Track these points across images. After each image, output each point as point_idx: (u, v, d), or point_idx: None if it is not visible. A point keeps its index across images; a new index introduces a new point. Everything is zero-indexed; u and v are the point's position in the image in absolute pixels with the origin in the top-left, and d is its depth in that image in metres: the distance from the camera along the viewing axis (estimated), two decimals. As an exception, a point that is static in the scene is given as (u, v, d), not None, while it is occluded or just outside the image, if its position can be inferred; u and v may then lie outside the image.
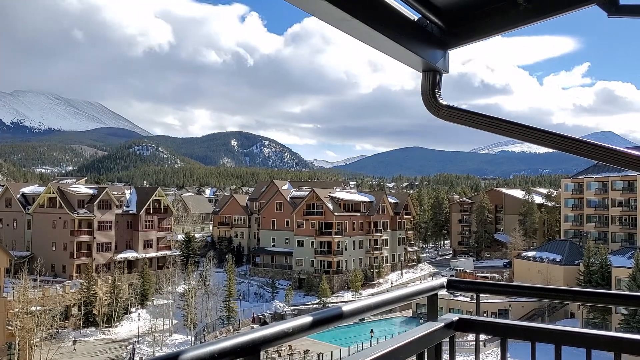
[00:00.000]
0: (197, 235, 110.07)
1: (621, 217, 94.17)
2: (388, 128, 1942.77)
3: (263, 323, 62.96)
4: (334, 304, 3.67)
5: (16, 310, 53.41)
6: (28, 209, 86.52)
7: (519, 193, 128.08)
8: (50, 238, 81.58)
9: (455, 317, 2.78)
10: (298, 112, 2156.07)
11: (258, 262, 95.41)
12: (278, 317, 68.38)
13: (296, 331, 2.02)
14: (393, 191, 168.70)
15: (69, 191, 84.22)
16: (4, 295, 49.18)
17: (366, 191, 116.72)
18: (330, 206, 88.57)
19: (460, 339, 6.65)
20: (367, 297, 2.64)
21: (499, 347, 2.95)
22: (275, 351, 54.06)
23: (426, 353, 2.51)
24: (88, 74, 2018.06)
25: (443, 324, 2.66)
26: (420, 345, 2.44)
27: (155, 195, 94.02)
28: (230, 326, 68.50)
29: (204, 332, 65.87)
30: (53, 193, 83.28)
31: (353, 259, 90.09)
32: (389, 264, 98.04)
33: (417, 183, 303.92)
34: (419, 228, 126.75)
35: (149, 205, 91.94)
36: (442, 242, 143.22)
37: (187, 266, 77.85)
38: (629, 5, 2.16)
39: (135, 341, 62.53)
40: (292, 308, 73.26)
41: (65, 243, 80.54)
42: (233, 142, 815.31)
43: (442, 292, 3.20)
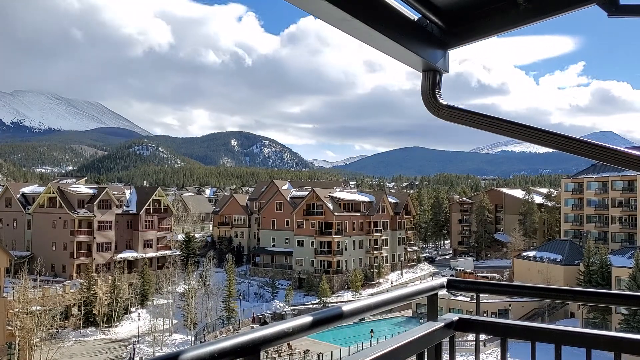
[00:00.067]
0: (197, 235, 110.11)
1: (621, 217, 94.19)
2: (388, 128, 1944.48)
3: (263, 323, 62.96)
4: (334, 304, 3.67)
5: (16, 310, 53.44)
6: (28, 209, 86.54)
7: (519, 193, 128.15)
8: (50, 238, 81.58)
9: (455, 317, 2.78)
10: (297, 112, 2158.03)
11: (258, 262, 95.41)
12: (278, 317, 68.37)
13: (296, 331, 2.02)
14: (393, 191, 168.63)
15: (69, 191, 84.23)
16: (4, 295, 49.18)
17: (366, 191, 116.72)
18: (330, 206, 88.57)
19: (460, 339, 6.65)
20: (367, 297, 2.64)
21: (499, 347, 2.95)
22: (275, 351, 54.07)
23: (426, 353, 2.51)
24: (88, 74, 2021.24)
25: (443, 324, 2.67)
26: (420, 345, 2.44)
27: (155, 195, 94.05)
28: (230, 326, 68.49)
29: (204, 332, 65.86)
30: (53, 193, 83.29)
31: (353, 259, 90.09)
32: (389, 264, 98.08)
33: (417, 183, 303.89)
34: (419, 228, 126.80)
35: (149, 205, 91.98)
36: (442, 242, 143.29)
37: (187, 266, 77.85)
38: (629, 5, 2.16)
39: (135, 341, 62.57)
40: (292, 308, 73.26)
41: (65, 243, 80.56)
42: (233, 142, 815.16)
43: (442, 292, 3.20)
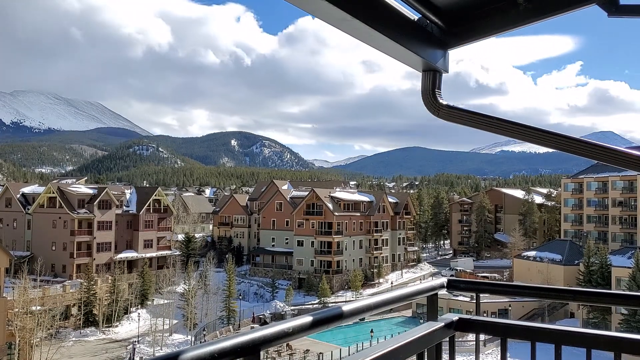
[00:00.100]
0: (197, 235, 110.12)
1: (621, 217, 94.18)
2: (387, 128, 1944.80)
3: (263, 323, 62.95)
4: (334, 304, 3.67)
5: (16, 310, 53.44)
6: (28, 209, 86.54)
7: (519, 193, 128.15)
8: (50, 238, 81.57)
9: (455, 317, 2.78)
10: (296, 112, 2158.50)
11: (258, 262, 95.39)
12: (278, 317, 68.37)
13: (296, 331, 2.02)
14: (393, 191, 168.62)
15: (69, 191, 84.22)
16: (4, 295, 49.18)
17: (366, 191, 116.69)
18: (330, 206, 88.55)
19: (460, 339, 6.65)
20: (367, 297, 2.64)
21: (499, 347, 2.95)
22: (275, 351, 54.07)
23: (426, 353, 2.51)
24: (88, 74, 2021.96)
25: (443, 324, 2.66)
26: (420, 345, 2.44)
27: (155, 195, 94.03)
28: (230, 326, 68.48)
29: (204, 332, 65.85)
30: (53, 193, 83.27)
31: (353, 259, 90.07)
32: (389, 264, 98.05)
33: (417, 183, 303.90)
34: (419, 228, 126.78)
35: (149, 205, 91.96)
36: (442, 242, 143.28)
37: (187, 266, 77.85)
38: (629, 5, 2.16)
39: (135, 341, 62.55)
40: (292, 308, 73.24)
41: (65, 243, 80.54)
42: (233, 142, 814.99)
43: (442, 292, 3.20)
